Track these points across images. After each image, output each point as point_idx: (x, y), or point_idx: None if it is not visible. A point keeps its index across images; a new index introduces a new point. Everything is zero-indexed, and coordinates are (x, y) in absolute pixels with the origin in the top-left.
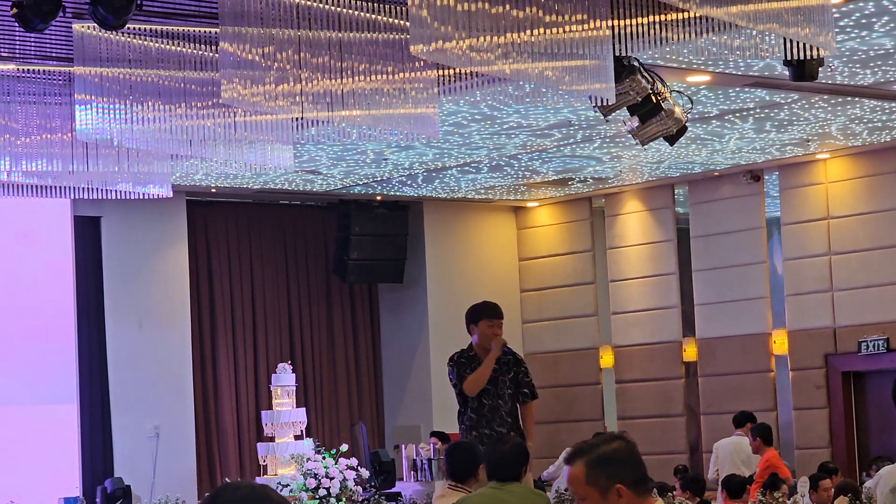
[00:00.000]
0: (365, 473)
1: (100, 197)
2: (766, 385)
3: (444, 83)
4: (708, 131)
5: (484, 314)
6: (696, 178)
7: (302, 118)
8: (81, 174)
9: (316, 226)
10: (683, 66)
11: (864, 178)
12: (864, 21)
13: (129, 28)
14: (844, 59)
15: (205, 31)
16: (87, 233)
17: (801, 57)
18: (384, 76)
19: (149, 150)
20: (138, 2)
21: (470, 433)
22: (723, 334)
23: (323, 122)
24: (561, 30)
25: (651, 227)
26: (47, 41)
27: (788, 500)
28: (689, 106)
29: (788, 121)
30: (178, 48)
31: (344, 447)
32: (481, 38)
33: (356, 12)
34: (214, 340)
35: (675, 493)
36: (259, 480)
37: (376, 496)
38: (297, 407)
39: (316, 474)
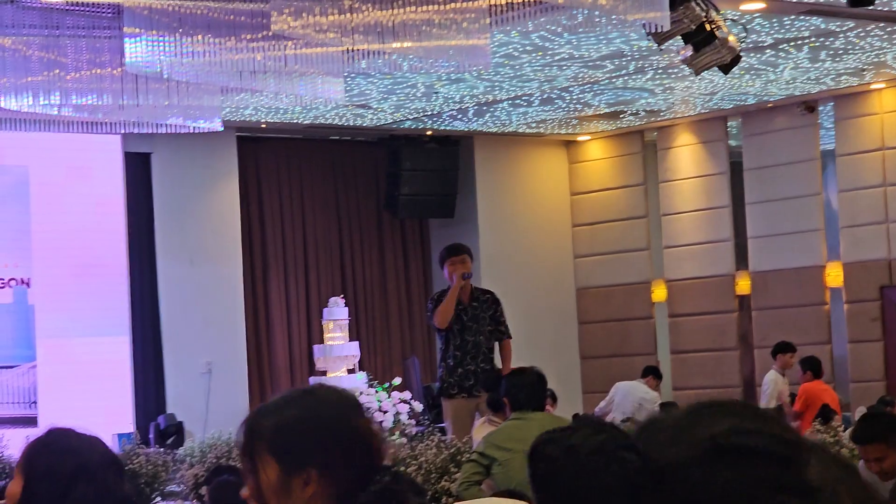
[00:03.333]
0: (418, 407)
1: (150, 132)
2: (821, 318)
3: (495, 13)
4: (762, 61)
5: (447, 255)
6: (749, 110)
7: (352, 50)
8: (131, 109)
9: (367, 161)
10: None
11: None
12: None
13: None
14: None
15: None
16: (138, 169)
17: None
18: (435, 6)
19: (199, 84)
20: None
21: (455, 370)
22: (776, 267)
23: (373, 53)
24: None
25: (704, 160)
26: None
27: (844, 432)
28: (744, 34)
29: (844, 50)
30: None
31: (397, 381)
32: None
33: None
34: (266, 276)
35: None
36: None
37: (430, 429)
38: (349, 341)
39: (369, 408)
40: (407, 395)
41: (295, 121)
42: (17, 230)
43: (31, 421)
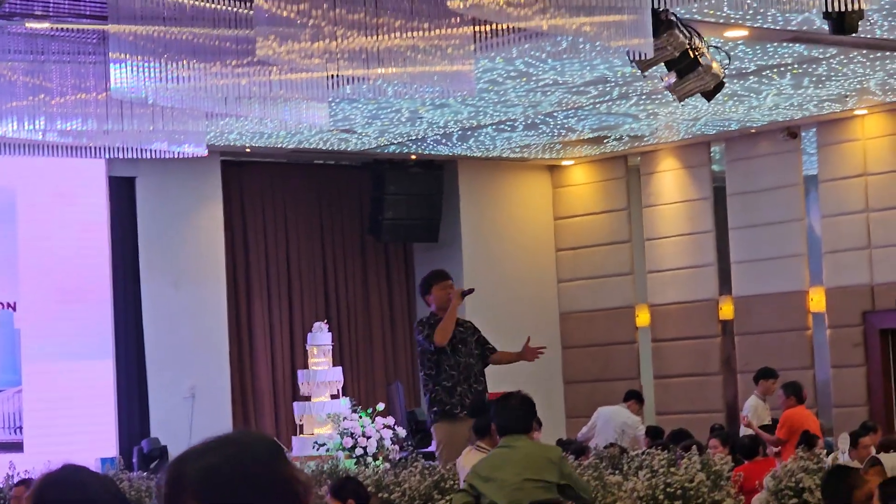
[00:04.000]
0: (402, 432)
1: (135, 156)
2: (803, 343)
3: (480, 39)
4: (745, 87)
5: (434, 280)
6: (732, 136)
7: (337, 76)
8: (116, 133)
9: (351, 185)
10: (721, 20)
11: None
12: None
13: None
14: (884, 13)
15: None
16: (123, 193)
17: (841, 10)
18: (420, 32)
19: (183, 109)
20: None
21: (455, 390)
22: (759, 292)
23: (358, 79)
24: None
25: (687, 185)
26: None
27: (827, 457)
28: (727, 61)
29: (826, 76)
30: (213, 5)
31: (380, 406)
32: None
33: None
34: (250, 300)
35: (712, 451)
36: (295, 440)
37: (413, 455)
38: (333, 366)
39: (352, 433)
40: (391, 420)
41: (279, 145)
42: (3, 253)
43: (16, 446)
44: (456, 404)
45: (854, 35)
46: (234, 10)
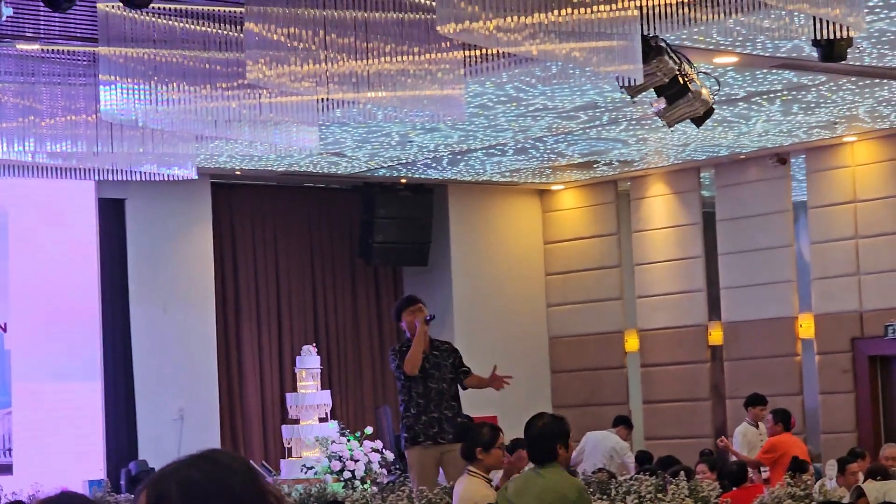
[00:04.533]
0: (390, 456)
1: (124, 178)
2: (792, 369)
3: (469, 64)
4: (735, 113)
5: (403, 307)
6: (722, 161)
7: (327, 99)
8: (106, 155)
9: (341, 209)
10: (711, 47)
11: (892, 161)
12: (893, 2)
13: (153, 8)
14: (873, 41)
15: (230, 11)
16: (112, 215)
17: (830, 37)
18: (410, 57)
19: (173, 132)
20: None
21: (419, 418)
22: (749, 318)
23: (348, 103)
24: (588, 10)
25: (677, 211)
26: (72, 21)
27: (815, 483)
28: (717, 88)
29: (816, 103)
30: (203, 28)
31: (369, 430)
32: (508, 19)
33: None
34: (239, 323)
35: (700, 476)
36: (283, 463)
37: (401, 479)
38: (321, 389)
39: (341, 457)
40: (378, 444)
41: (269, 168)
42: None
43: (5, 469)
44: (419, 432)
45: (843, 62)
46: (225, 33)
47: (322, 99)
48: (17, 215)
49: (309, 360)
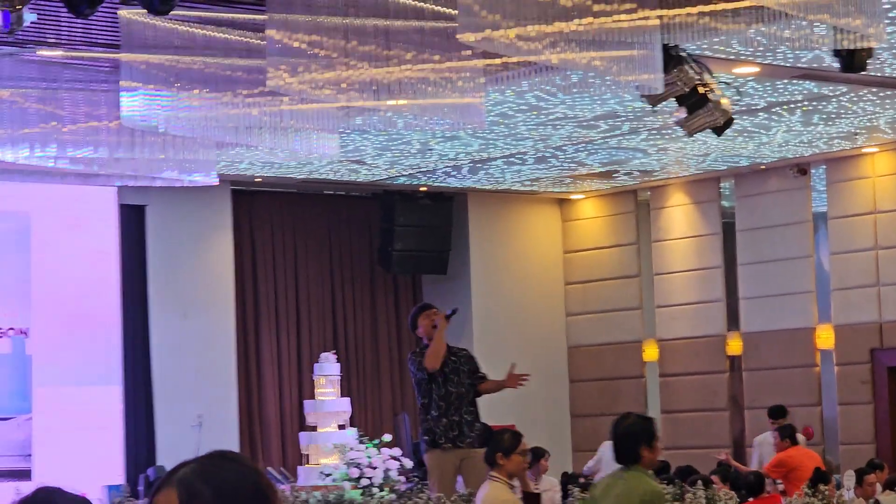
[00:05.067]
0: (408, 463)
1: (145, 185)
2: (811, 380)
3: (490, 72)
4: (755, 124)
5: (418, 314)
6: (742, 172)
7: (348, 106)
8: (127, 162)
9: (360, 216)
10: (731, 56)
11: None
12: None
13: (175, 14)
14: (894, 52)
15: (251, 18)
16: (133, 221)
17: (851, 48)
18: (430, 65)
19: (194, 138)
20: None
21: (440, 420)
22: (768, 328)
23: (369, 110)
24: (609, 19)
25: (696, 221)
26: (94, 27)
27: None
28: (737, 97)
29: (836, 114)
30: (225, 35)
31: (387, 437)
32: (529, 27)
33: (403, 0)
34: (258, 330)
35: (717, 486)
36: (301, 470)
37: (419, 486)
38: (340, 396)
39: (359, 464)
40: (397, 451)
41: (289, 175)
42: (17, 279)
43: (24, 474)
44: (440, 434)
45: (864, 73)
46: (246, 40)
47: (343, 106)
48: (39, 221)
49: (328, 368)
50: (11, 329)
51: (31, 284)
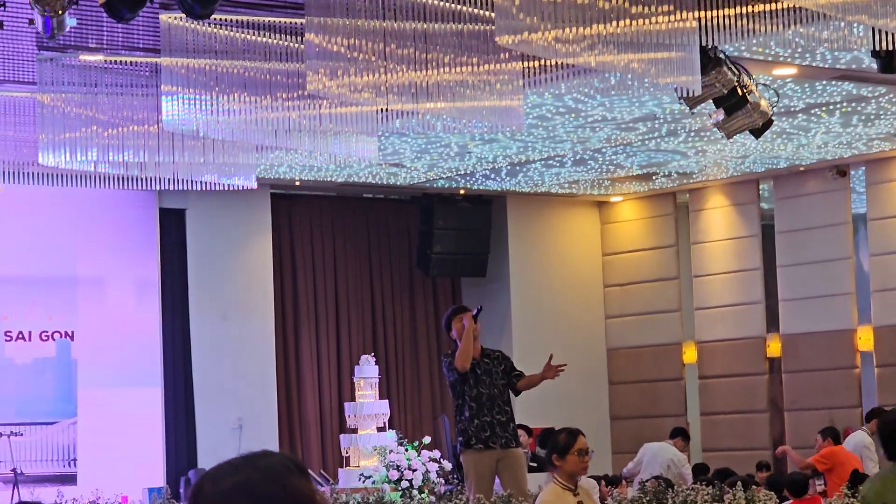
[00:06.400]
0: (447, 466)
1: (185, 188)
2: (851, 381)
3: (528, 75)
4: (794, 125)
5: (453, 315)
6: (781, 174)
7: (386, 110)
8: (167, 165)
9: (399, 219)
10: (770, 58)
11: None
12: None
13: (215, 19)
14: None
15: (290, 22)
16: (173, 225)
17: (890, 48)
18: (469, 68)
19: (234, 142)
20: None
21: (472, 422)
22: (807, 330)
23: (407, 113)
24: (647, 21)
25: (735, 223)
26: (134, 32)
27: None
28: (775, 99)
29: (875, 115)
30: (264, 39)
31: (427, 439)
32: (567, 30)
33: (441, 3)
34: (297, 333)
35: (757, 487)
36: (341, 472)
37: (459, 488)
38: (379, 399)
39: (398, 466)
40: (436, 453)
41: (329, 179)
42: (64, 283)
43: (69, 479)
44: (472, 435)
45: None
46: (285, 44)
47: (381, 109)
48: (81, 226)
49: (367, 370)
50: (57, 332)
51: (77, 289)
